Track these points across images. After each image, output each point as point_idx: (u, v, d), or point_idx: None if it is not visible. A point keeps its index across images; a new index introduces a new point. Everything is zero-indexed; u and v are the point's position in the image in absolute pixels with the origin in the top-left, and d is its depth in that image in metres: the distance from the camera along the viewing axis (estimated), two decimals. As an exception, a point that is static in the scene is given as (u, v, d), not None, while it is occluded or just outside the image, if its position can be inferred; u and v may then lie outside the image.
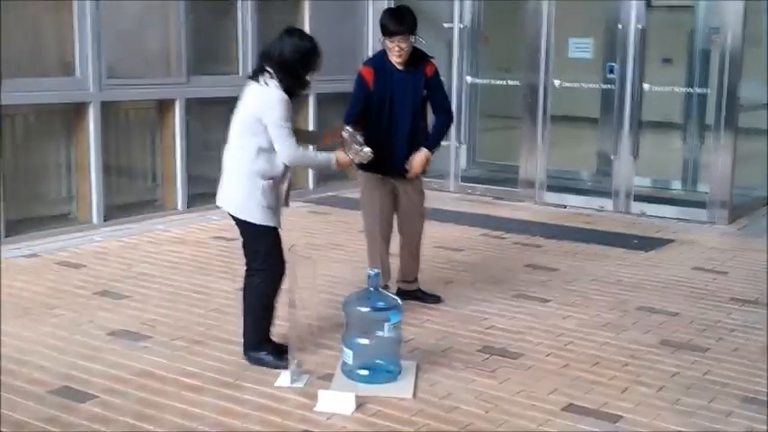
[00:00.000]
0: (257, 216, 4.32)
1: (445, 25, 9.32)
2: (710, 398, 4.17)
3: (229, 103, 8.30)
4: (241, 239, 4.47)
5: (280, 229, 4.41)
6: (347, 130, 4.66)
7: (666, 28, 9.27)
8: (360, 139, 4.64)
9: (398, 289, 5.42)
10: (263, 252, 4.38)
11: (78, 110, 7.20)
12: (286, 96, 4.29)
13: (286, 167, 4.36)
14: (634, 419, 3.92)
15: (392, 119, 5.15)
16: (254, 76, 4.37)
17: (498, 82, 9.41)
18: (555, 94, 8.81)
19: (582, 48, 8.90)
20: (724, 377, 4.44)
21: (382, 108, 5.13)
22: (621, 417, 3.94)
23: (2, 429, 3.68)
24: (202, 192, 7.94)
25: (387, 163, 5.09)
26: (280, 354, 4.38)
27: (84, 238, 6.95)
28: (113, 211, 7.47)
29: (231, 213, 4.40)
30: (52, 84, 7.07)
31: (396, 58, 5.12)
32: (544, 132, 8.84)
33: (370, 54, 9.43)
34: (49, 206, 7.29)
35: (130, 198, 7.81)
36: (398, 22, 5.07)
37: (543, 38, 8.71)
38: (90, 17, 7.04)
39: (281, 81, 4.30)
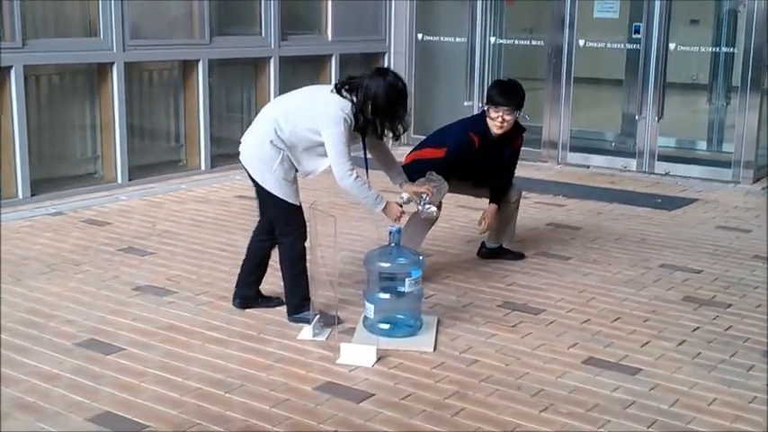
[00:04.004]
0: (274, 187, 4.32)
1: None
2: (732, 352, 4.17)
3: (252, 64, 8.45)
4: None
5: (300, 203, 4.40)
6: (432, 179, 4.80)
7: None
8: (442, 190, 4.82)
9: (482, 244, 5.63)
10: (283, 219, 4.39)
11: (102, 70, 7.23)
12: (350, 121, 4.26)
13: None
14: (653, 372, 3.93)
15: (478, 170, 5.22)
16: (340, 87, 4.31)
17: (522, 42, 9.35)
18: (579, 55, 8.73)
19: (607, 8, 8.81)
20: (746, 332, 4.43)
21: (475, 162, 5.16)
22: (641, 369, 3.96)
23: (32, 380, 3.76)
24: (225, 152, 7.99)
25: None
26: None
27: (109, 197, 7.02)
28: (138, 171, 7.53)
29: (250, 174, 4.40)
30: (76, 44, 7.10)
31: (496, 129, 5.07)
32: (568, 93, 8.79)
33: (392, 19, 9.42)
34: (75, 166, 7.36)
35: (155, 158, 7.86)
36: (507, 96, 5.04)
37: (568, -3, 8.64)
38: (113, -23, 7.06)
39: (365, 118, 4.26)
